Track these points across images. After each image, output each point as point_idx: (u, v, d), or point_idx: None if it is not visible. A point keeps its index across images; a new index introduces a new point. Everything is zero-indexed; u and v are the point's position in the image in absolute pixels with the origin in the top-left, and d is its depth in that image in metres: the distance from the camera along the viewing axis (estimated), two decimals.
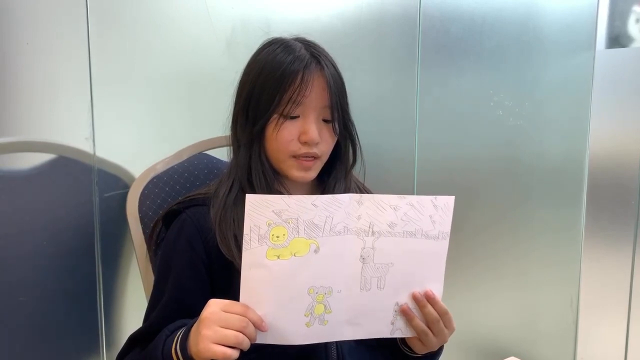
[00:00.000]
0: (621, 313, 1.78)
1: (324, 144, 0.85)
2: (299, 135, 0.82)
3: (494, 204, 1.61)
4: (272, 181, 0.85)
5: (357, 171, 0.94)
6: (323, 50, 0.86)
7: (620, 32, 1.76)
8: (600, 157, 1.74)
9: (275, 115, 0.82)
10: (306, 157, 0.83)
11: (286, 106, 0.81)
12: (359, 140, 0.90)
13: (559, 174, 1.71)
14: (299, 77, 0.80)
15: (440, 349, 0.84)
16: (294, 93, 0.80)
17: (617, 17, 1.75)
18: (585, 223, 1.78)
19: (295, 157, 0.83)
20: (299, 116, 0.82)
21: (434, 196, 0.74)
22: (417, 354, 0.82)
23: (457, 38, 1.46)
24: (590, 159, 1.75)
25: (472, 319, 1.63)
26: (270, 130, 0.83)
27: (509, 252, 1.66)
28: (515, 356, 1.70)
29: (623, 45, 1.77)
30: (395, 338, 0.83)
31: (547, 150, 1.67)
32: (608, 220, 1.77)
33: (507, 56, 1.55)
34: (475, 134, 1.53)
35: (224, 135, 0.91)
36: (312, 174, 0.85)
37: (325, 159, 0.87)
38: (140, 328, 0.82)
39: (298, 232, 0.68)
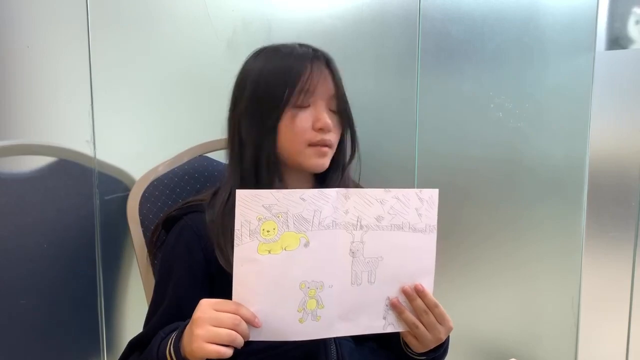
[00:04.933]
0: (622, 314, 1.78)
1: (333, 133, 0.87)
2: (313, 124, 0.84)
3: (495, 205, 1.61)
4: (278, 174, 0.85)
5: (354, 169, 0.95)
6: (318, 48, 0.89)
7: (620, 33, 1.76)
8: (600, 158, 1.74)
9: (288, 108, 0.84)
10: (322, 144, 0.85)
11: (299, 97, 0.83)
12: (357, 134, 0.92)
13: (559, 176, 1.71)
14: (308, 67, 0.83)
15: (445, 351, 0.84)
16: (305, 83, 0.83)
17: (617, 18, 1.76)
18: (586, 224, 1.78)
19: (312, 145, 0.85)
20: (309, 106, 0.85)
21: (419, 189, 0.75)
22: (420, 356, 0.82)
23: (457, 40, 1.46)
24: (591, 161, 1.74)
25: (473, 320, 1.63)
26: (285, 123, 0.84)
27: (510, 253, 1.66)
28: (516, 358, 1.70)
29: (623, 47, 1.77)
30: (398, 340, 0.83)
31: (548, 151, 1.67)
32: (609, 222, 1.77)
33: (508, 58, 1.55)
34: (475, 135, 1.53)
35: (224, 137, 0.91)
36: (327, 161, 0.88)
37: (334, 150, 0.89)
38: (140, 333, 0.83)
39: (288, 226, 0.69)
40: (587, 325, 1.81)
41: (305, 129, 0.84)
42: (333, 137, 0.87)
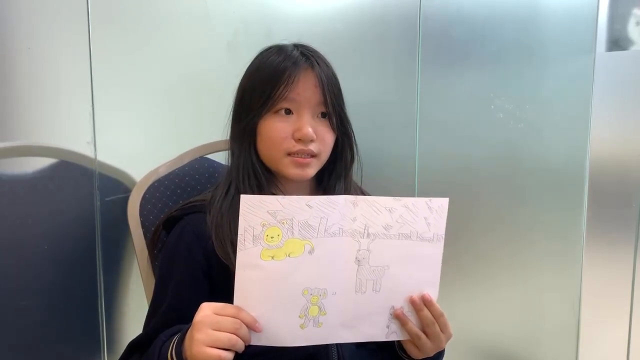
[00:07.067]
0: (623, 315, 1.78)
1: (321, 142, 0.84)
2: (293, 132, 0.82)
3: (495, 206, 1.61)
4: (265, 182, 0.85)
5: (354, 172, 0.94)
6: (316, 51, 0.87)
7: (620, 35, 1.76)
8: (601, 159, 1.74)
9: (267, 114, 0.83)
10: (302, 154, 0.83)
11: (278, 103, 0.82)
12: (355, 138, 0.90)
13: (560, 177, 1.71)
14: (287, 73, 0.81)
15: (440, 356, 0.84)
16: (283, 90, 0.81)
17: (617, 20, 1.76)
18: (587, 225, 1.77)
19: (290, 154, 0.83)
20: (293, 114, 0.83)
21: (429, 198, 0.74)
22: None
23: (457, 41, 1.46)
24: (591, 162, 1.74)
25: (473, 321, 1.62)
26: (262, 128, 0.83)
27: (510, 254, 1.66)
28: (517, 358, 1.69)
29: (623, 48, 1.77)
30: (394, 343, 0.83)
31: (548, 152, 1.67)
32: (609, 223, 1.77)
33: (508, 59, 1.55)
34: (476, 137, 1.53)
35: (225, 139, 0.91)
36: (310, 172, 0.85)
37: (324, 158, 0.87)
38: (140, 335, 0.82)
39: (292, 232, 0.68)
40: (587, 326, 1.81)
41: (283, 137, 0.82)
42: (318, 147, 0.84)
